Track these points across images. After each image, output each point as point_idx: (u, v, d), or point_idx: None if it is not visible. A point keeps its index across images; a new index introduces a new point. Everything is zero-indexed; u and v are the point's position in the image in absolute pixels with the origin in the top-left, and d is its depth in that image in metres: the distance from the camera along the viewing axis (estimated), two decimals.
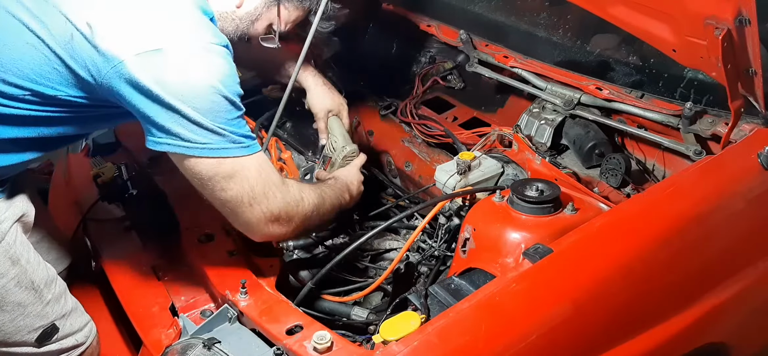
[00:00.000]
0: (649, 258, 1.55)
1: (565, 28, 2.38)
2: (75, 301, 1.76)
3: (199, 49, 1.50)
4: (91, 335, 1.78)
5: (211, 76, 1.49)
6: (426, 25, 2.60)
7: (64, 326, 1.71)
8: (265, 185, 1.59)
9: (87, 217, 2.07)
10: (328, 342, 1.37)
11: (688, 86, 1.95)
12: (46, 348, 1.69)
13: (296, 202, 1.66)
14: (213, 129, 1.49)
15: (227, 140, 1.52)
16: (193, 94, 1.47)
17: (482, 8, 2.67)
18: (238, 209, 1.58)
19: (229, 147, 1.52)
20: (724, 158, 1.76)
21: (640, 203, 1.68)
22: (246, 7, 1.76)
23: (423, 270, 1.85)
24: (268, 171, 1.61)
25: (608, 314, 1.51)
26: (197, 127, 1.48)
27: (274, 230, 1.63)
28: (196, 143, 1.49)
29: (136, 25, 1.48)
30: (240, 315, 1.57)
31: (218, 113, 1.50)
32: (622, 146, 2.08)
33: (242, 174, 1.55)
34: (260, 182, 1.58)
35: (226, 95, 1.50)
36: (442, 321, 1.36)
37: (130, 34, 1.46)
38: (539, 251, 1.47)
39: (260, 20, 1.79)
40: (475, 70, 2.40)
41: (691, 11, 1.60)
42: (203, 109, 1.48)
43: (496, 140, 2.14)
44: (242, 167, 1.55)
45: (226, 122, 1.51)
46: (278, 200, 1.61)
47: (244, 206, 1.58)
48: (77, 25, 1.47)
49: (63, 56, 1.49)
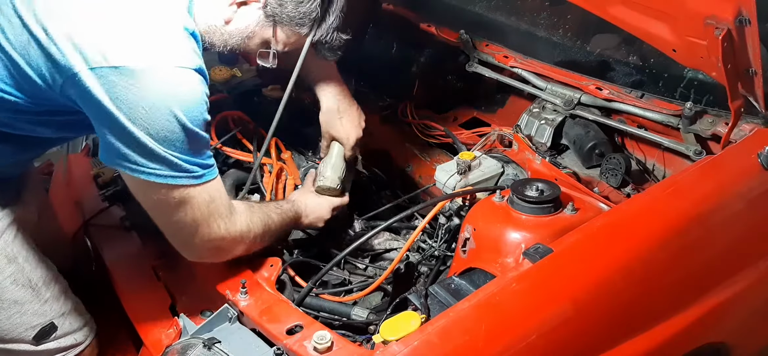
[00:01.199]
0: (649, 258, 1.55)
1: (565, 28, 2.39)
2: (75, 300, 1.76)
3: (163, 71, 1.41)
4: (90, 334, 1.78)
5: (171, 101, 1.41)
6: (426, 25, 2.60)
7: (62, 325, 1.71)
8: (210, 215, 1.54)
9: (89, 222, 2.07)
10: (328, 341, 1.37)
11: (688, 86, 1.95)
12: (44, 346, 1.69)
13: (240, 234, 1.62)
14: (164, 157, 1.43)
15: (178, 170, 1.46)
16: (148, 118, 1.39)
17: (482, 8, 2.67)
18: (178, 234, 1.56)
19: (179, 176, 1.46)
20: (724, 158, 1.76)
21: (640, 203, 1.68)
22: (236, 23, 1.65)
23: (423, 270, 1.86)
24: (217, 202, 1.55)
25: (608, 314, 1.51)
26: (148, 151, 1.41)
27: (211, 257, 1.62)
28: (145, 167, 1.43)
29: (98, 37, 1.38)
30: (240, 315, 1.57)
31: (173, 142, 1.43)
32: (622, 146, 2.08)
33: (189, 204, 1.50)
34: (207, 212, 1.53)
35: (185, 123, 1.42)
36: (442, 320, 1.36)
37: (89, 45, 1.37)
38: (539, 251, 1.47)
39: (254, 38, 1.70)
40: (475, 70, 2.40)
41: (691, 11, 1.60)
42: (157, 135, 1.41)
43: (496, 140, 2.14)
44: (189, 197, 1.49)
45: (180, 151, 1.44)
46: (221, 231, 1.57)
47: (184, 233, 1.54)
48: (33, 30, 1.39)
49: (19, 62, 1.42)
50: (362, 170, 2.34)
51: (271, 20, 1.66)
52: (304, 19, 1.67)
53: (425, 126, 2.36)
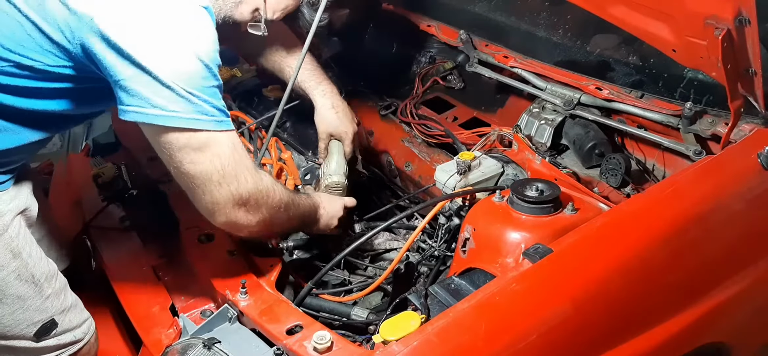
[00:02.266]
0: (649, 258, 1.55)
1: (565, 28, 2.38)
2: (75, 297, 1.76)
3: (176, 7, 1.42)
4: (89, 332, 1.77)
5: (187, 37, 1.42)
6: (426, 25, 2.60)
7: (62, 321, 1.70)
8: (237, 165, 1.51)
9: (89, 224, 2.08)
10: (328, 342, 1.37)
11: (688, 86, 1.95)
12: (44, 342, 1.69)
13: (267, 191, 1.59)
14: (186, 96, 1.41)
15: (200, 111, 1.43)
16: (166, 53, 1.39)
17: (482, 8, 2.67)
18: (206, 186, 1.49)
19: (202, 119, 1.44)
20: (724, 158, 1.76)
21: (640, 203, 1.68)
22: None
23: (423, 270, 1.85)
24: (241, 152, 1.54)
25: (608, 314, 1.51)
26: (168, 91, 1.39)
27: (240, 215, 1.55)
28: (167, 110, 1.40)
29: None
30: (240, 315, 1.57)
31: (192, 78, 1.41)
32: (622, 146, 2.07)
33: (215, 150, 1.47)
34: (233, 161, 1.50)
35: (203, 59, 1.42)
36: (442, 321, 1.36)
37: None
38: (539, 251, 1.47)
39: (244, 3, 1.69)
40: (475, 70, 2.40)
41: (691, 11, 1.60)
42: (176, 71, 1.39)
43: (496, 140, 2.14)
44: (216, 142, 1.47)
45: (200, 89, 1.42)
46: (249, 184, 1.53)
47: (213, 184, 1.49)
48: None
49: (36, 20, 1.43)
50: (362, 170, 2.35)
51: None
52: None
53: (425, 126, 2.36)
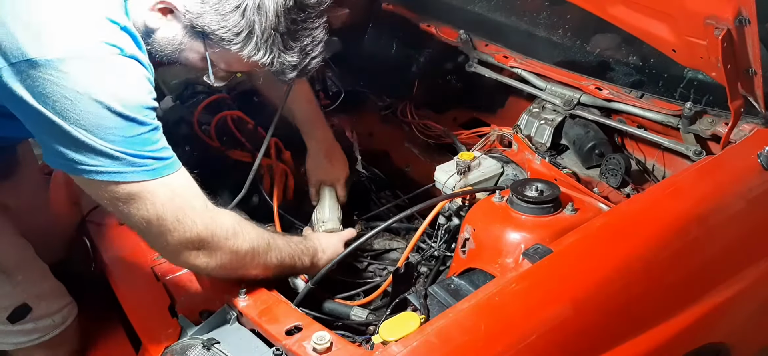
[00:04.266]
0: (648, 258, 1.54)
1: (565, 28, 2.38)
2: (54, 284, 1.77)
3: (83, 56, 1.29)
4: (70, 317, 1.78)
5: (99, 89, 1.28)
6: (426, 25, 2.60)
7: (38, 307, 1.71)
8: (178, 211, 1.40)
9: (87, 219, 2.07)
10: (328, 342, 1.36)
11: (688, 86, 1.95)
12: (20, 326, 1.70)
13: (224, 233, 1.49)
14: (104, 151, 1.31)
15: (124, 163, 1.33)
16: (75, 109, 1.27)
17: (482, 8, 2.67)
18: (148, 235, 1.43)
19: (127, 171, 1.34)
20: (724, 158, 1.75)
21: (639, 203, 1.68)
22: (164, 32, 1.48)
23: (423, 270, 1.85)
24: (184, 196, 1.43)
25: (608, 314, 1.51)
26: (84, 148, 1.30)
27: (194, 259, 1.47)
28: (86, 164, 1.32)
29: (17, 30, 1.27)
30: (239, 316, 1.57)
31: (109, 132, 1.30)
32: (622, 146, 2.08)
33: (147, 199, 1.37)
34: (172, 207, 1.40)
35: (119, 110, 1.30)
36: (442, 321, 1.36)
37: (8, 40, 1.27)
38: (539, 251, 1.47)
39: (188, 51, 1.52)
40: (474, 70, 2.40)
41: (691, 11, 1.60)
42: (90, 127, 1.29)
43: (496, 140, 2.14)
44: (146, 191, 1.36)
45: (121, 142, 1.32)
46: (198, 226, 1.43)
47: (154, 232, 1.41)
48: None
49: None
50: (362, 170, 2.35)
51: (197, 34, 1.48)
52: (230, 34, 1.46)
53: (425, 126, 2.36)
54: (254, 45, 1.47)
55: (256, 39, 1.46)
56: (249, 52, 1.47)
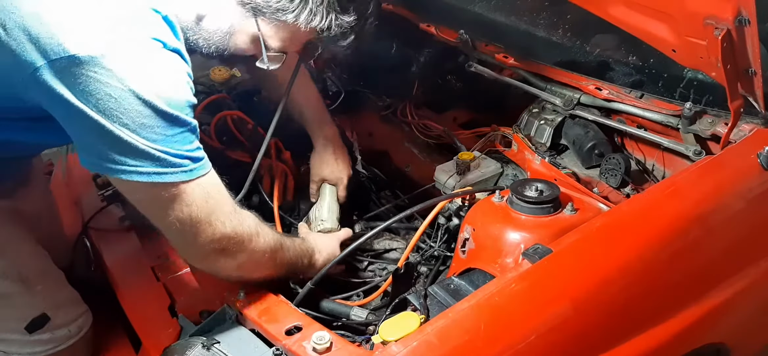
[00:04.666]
0: (648, 259, 1.55)
1: (565, 28, 2.38)
2: (71, 292, 1.75)
3: (126, 51, 1.25)
4: (85, 326, 1.76)
5: (142, 85, 1.25)
6: (426, 25, 2.60)
7: (56, 316, 1.69)
8: (211, 212, 1.39)
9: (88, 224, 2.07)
10: (327, 342, 1.37)
11: (688, 86, 1.95)
12: (38, 336, 1.68)
13: (248, 235, 1.49)
14: (145, 151, 1.27)
15: (164, 164, 1.30)
16: (118, 106, 1.23)
17: (482, 8, 2.67)
18: (180, 236, 1.41)
19: (167, 172, 1.31)
20: (724, 158, 1.75)
21: (639, 203, 1.68)
22: (212, 19, 1.46)
23: (422, 270, 1.85)
24: (217, 197, 1.42)
25: (608, 314, 1.51)
26: (126, 148, 1.26)
27: (217, 261, 1.47)
28: (126, 165, 1.28)
29: (56, 26, 1.23)
30: (239, 316, 1.57)
31: (152, 130, 1.27)
32: (622, 146, 2.07)
33: (184, 200, 1.35)
34: (206, 209, 1.38)
35: (163, 108, 1.27)
36: (442, 321, 1.36)
37: (47, 36, 1.22)
38: (539, 251, 1.47)
39: (239, 35, 1.50)
40: (475, 70, 2.40)
41: (691, 11, 1.60)
42: (131, 125, 1.25)
43: (496, 140, 2.14)
44: (184, 192, 1.34)
45: (163, 141, 1.28)
46: (226, 228, 1.43)
47: (186, 233, 1.40)
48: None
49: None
50: (362, 170, 2.35)
51: (249, 11, 1.45)
52: (284, 2, 1.42)
53: (425, 126, 2.35)
54: (310, 10, 1.43)
55: (311, 3, 1.42)
56: (306, 19, 1.43)
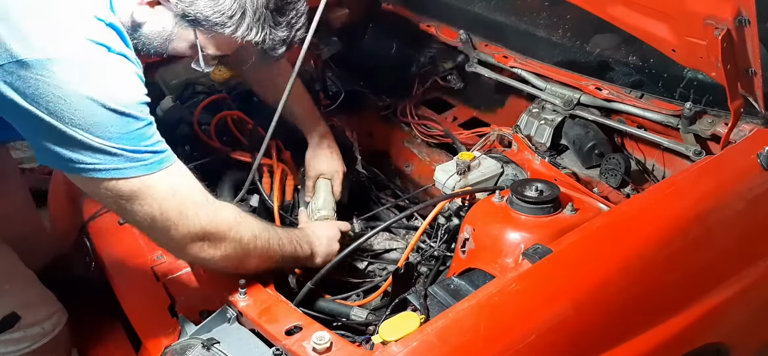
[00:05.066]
0: (648, 259, 1.55)
1: (565, 28, 2.38)
2: (42, 291, 1.76)
3: (73, 55, 1.29)
4: (59, 324, 1.77)
5: (90, 86, 1.28)
6: (426, 25, 2.60)
7: (27, 315, 1.70)
8: (181, 204, 1.41)
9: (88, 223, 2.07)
10: (327, 342, 1.36)
11: (688, 86, 1.95)
12: (9, 335, 1.69)
13: (227, 224, 1.50)
14: (100, 147, 1.30)
15: (122, 159, 1.33)
16: (69, 108, 1.27)
17: (482, 8, 2.67)
18: (153, 231, 1.43)
19: (127, 167, 1.33)
20: (724, 158, 1.75)
21: (639, 203, 1.68)
22: (152, 25, 1.51)
23: (422, 270, 1.86)
24: (185, 189, 1.44)
25: (608, 314, 1.51)
26: (81, 146, 1.29)
27: (198, 251, 1.48)
28: (84, 163, 1.31)
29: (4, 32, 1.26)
30: (239, 316, 1.57)
31: (105, 129, 1.30)
32: (622, 146, 2.07)
33: (149, 194, 1.37)
34: (174, 202, 1.40)
35: (113, 107, 1.30)
36: (442, 321, 1.36)
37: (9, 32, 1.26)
38: (539, 251, 1.47)
39: (177, 41, 1.55)
40: (474, 70, 2.40)
41: (691, 11, 1.60)
42: (86, 125, 1.28)
43: (496, 140, 2.14)
44: (148, 186, 1.36)
45: (118, 138, 1.31)
46: (201, 219, 1.44)
47: (158, 228, 1.41)
48: None
49: None
50: (362, 170, 2.35)
51: (188, 22, 1.52)
52: (223, 18, 1.50)
53: (425, 126, 2.35)
54: (247, 26, 1.52)
55: (248, 19, 1.51)
56: (243, 33, 1.52)
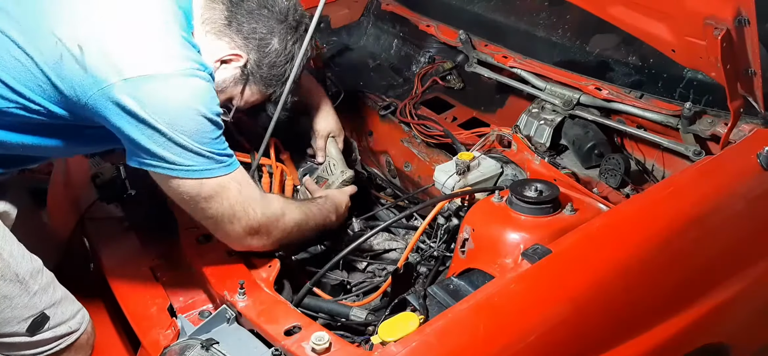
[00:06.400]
0: (648, 259, 1.55)
1: (565, 28, 2.38)
2: (64, 290, 1.77)
3: (183, 74, 1.56)
4: (84, 321, 1.79)
5: (194, 99, 1.55)
6: (426, 26, 2.60)
7: (54, 314, 1.72)
8: (245, 202, 1.65)
9: (85, 216, 2.07)
10: (327, 342, 1.37)
11: (688, 86, 1.95)
12: (40, 336, 1.71)
13: (276, 217, 1.73)
14: (197, 151, 1.56)
15: (210, 161, 1.58)
16: (178, 118, 1.53)
17: (482, 8, 2.67)
18: (220, 225, 1.66)
19: (212, 168, 1.59)
20: (724, 158, 1.75)
21: (639, 203, 1.67)
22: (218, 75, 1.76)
23: (422, 271, 1.85)
24: (248, 188, 1.68)
25: (607, 315, 1.51)
26: (182, 150, 1.54)
27: (253, 242, 1.71)
28: (181, 165, 1.56)
29: (125, 50, 1.52)
30: (238, 316, 1.57)
31: (202, 135, 1.56)
32: (622, 147, 2.07)
33: (223, 194, 1.62)
34: (241, 199, 1.64)
35: (209, 116, 1.57)
36: (441, 321, 1.36)
37: (118, 58, 1.50)
38: (538, 251, 1.47)
39: (223, 94, 1.80)
40: (474, 71, 2.40)
41: (690, 11, 1.60)
42: (188, 131, 1.54)
43: (495, 140, 2.14)
44: (223, 186, 1.62)
45: (209, 143, 1.57)
46: (258, 214, 1.68)
47: (225, 222, 1.65)
48: (68, 47, 1.50)
49: (50, 75, 1.53)
50: (362, 170, 2.34)
51: (243, 79, 1.81)
52: (273, 80, 1.84)
53: (424, 126, 2.35)
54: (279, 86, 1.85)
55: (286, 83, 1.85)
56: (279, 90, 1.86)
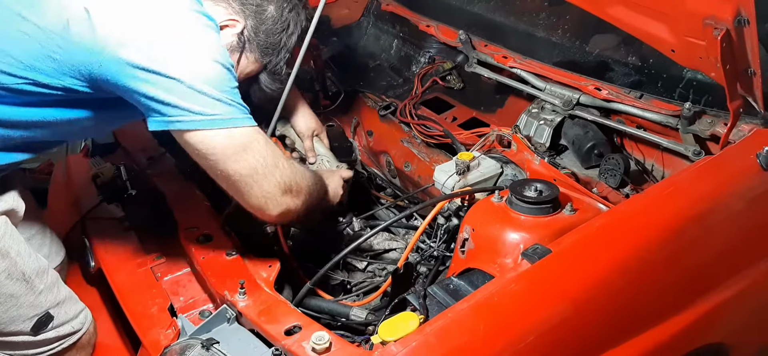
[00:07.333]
0: (647, 259, 1.55)
1: (565, 29, 2.38)
2: (68, 290, 1.78)
3: (194, 28, 1.56)
4: (86, 321, 1.79)
5: (209, 48, 1.56)
6: (425, 26, 2.60)
7: (58, 314, 1.72)
8: (275, 155, 1.62)
9: (86, 217, 2.07)
10: (327, 342, 1.37)
11: (687, 86, 1.95)
12: (43, 335, 1.71)
13: (302, 174, 1.71)
14: (218, 98, 1.52)
15: (235, 109, 1.55)
16: (195, 65, 1.51)
17: (482, 8, 2.67)
18: (253, 180, 1.59)
19: (239, 117, 1.55)
20: (723, 158, 1.75)
21: (638, 203, 1.67)
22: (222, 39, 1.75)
23: (422, 271, 1.86)
24: (272, 143, 1.65)
25: (607, 315, 1.51)
26: (204, 96, 1.51)
27: (288, 202, 1.65)
28: (206, 114, 1.51)
29: (133, 11, 1.51)
30: (238, 316, 1.57)
31: (223, 82, 1.54)
32: (621, 147, 2.07)
33: (254, 145, 1.57)
34: (270, 152, 1.60)
35: (226, 65, 1.56)
36: (441, 321, 1.36)
37: (127, 20, 1.50)
38: (538, 251, 1.47)
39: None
40: (474, 71, 2.40)
41: (690, 11, 1.60)
42: (208, 78, 1.51)
43: (495, 140, 2.14)
44: (252, 137, 1.58)
45: (229, 91, 1.54)
46: (287, 170, 1.63)
47: (259, 176, 1.59)
48: (74, 12, 1.48)
49: (59, 43, 1.50)
50: (362, 170, 2.35)
51: (240, 46, 1.78)
52: (269, 48, 1.81)
53: (424, 126, 2.35)
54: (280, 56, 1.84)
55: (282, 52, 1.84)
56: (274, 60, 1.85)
